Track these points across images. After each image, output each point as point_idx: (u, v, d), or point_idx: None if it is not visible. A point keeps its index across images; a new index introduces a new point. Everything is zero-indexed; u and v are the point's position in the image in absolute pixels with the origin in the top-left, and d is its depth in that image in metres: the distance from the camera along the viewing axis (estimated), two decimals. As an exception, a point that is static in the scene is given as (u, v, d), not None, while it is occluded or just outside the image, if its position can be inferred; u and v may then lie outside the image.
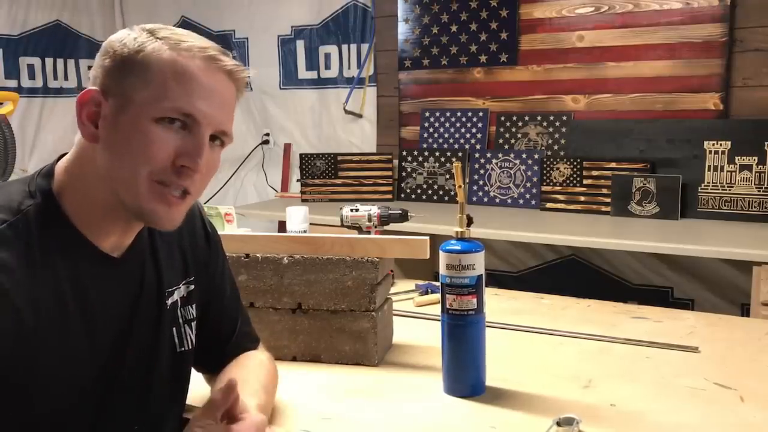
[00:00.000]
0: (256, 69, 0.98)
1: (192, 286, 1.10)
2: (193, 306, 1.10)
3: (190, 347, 1.09)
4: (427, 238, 1.37)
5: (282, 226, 3.26)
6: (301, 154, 3.58)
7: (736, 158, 2.76)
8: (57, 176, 0.94)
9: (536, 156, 3.20)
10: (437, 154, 3.44)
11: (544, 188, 3.12)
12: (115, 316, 0.96)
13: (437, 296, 1.52)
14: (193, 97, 0.90)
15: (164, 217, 0.93)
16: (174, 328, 1.06)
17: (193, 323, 1.10)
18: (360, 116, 3.72)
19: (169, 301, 1.04)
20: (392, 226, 1.91)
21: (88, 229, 0.93)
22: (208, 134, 0.92)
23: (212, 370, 1.19)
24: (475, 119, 3.41)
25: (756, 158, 2.73)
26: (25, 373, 0.86)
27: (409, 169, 3.49)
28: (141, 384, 1.00)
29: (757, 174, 2.72)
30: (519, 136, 3.29)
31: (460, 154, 3.38)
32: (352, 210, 1.88)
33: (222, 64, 0.93)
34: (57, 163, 0.96)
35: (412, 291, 1.86)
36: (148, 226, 0.99)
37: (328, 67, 3.80)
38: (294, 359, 1.40)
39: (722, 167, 2.79)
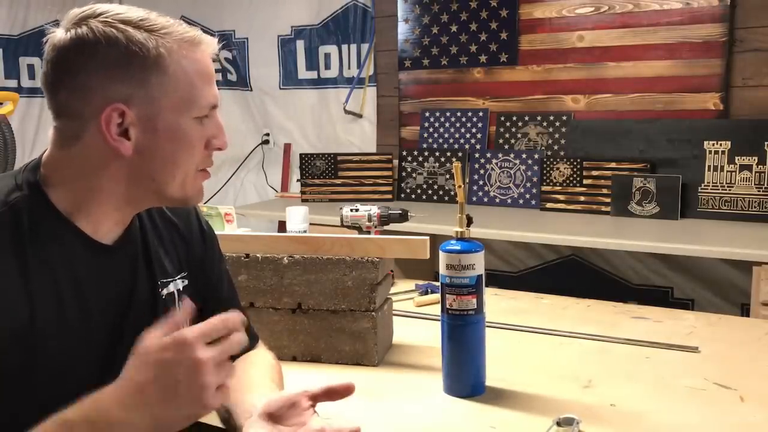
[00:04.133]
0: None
1: (186, 281, 1.10)
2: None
3: None
4: (427, 238, 1.37)
5: (282, 226, 3.26)
6: (301, 154, 3.58)
7: (736, 158, 2.76)
8: (44, 170, 0.95)
9: (536, 156, 3.20)
10: (437, 154, 3.44)
11: (544, 188, 3.12)
12: (110, 305, 0.97)
13: (437, 296, 1.52)
14: (210, 88, 0.97)
15: (201, 195, 1.02)
16: None
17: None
18: (360, 116, 3.72)
19: (164, 293, 1.04)
20: (392, 226, 1.91)
21: (78, 219, 0.94)
22: None
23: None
24: (475, 119, 3.41)
25: (756, 158, 2.72)
26: (22, 364, 0.86)
27: (409, 169, 3.49)
28: None
29: (757, 174, 2.72)
30: (519, 136, 3.29)
31: (460, 154, 3.38)
32: (352, 210, 1.88)
33: (210, 47, 0.98)
34: (42, 157, 0.96)
35: (412, 291, 1.86)
36: (184, 206, 1.07)
37: (328, 67, 3.80)
38: (294, 359, 1.40)
39: (722, 167, 2.79)
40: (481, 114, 3.39)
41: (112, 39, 0.89)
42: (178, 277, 1.08)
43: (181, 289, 1.08)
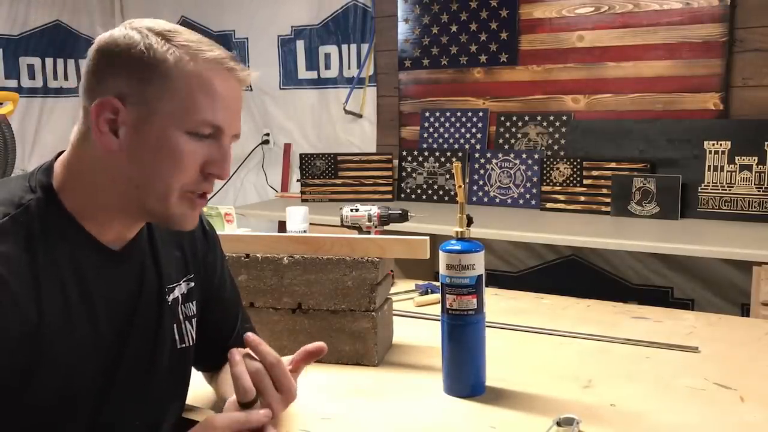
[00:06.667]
0: (257, 71, 0.97)
1: (192, 284, 1.10)
2: (194, 303, 1.10)
3: (191, 344, 1.09)
4: (427, 238, 1.37)
5: (282, 226, 3.26)
6: (301, 154, 3.58)
7: (736, 158, 2.76)
8: (56, 172, 0.95)
9: (536, 156, 3.20)
10: (437, 154, 3.44)
11: (544, 188, 3.12)
12: (117, 309, 0.97)
13: (437, 296, 1.52)
14: (220, 110, 0.92)
15: (189, 220, 0.97)
16: (175, 325, 1.06)
17: (193, 320, 1.10)
18: (360, 116, 3.72)
19: (170, 298, 1.05)
20: (392, 226, 1.91)
21: (88, 223, 0.94)
22: (230, 140, 0.96)
23: (213, 368, 1.20)
24: (475, 119, 3.41)
25: (756, 158, 2.73)
26: (28, 364, 0.86)
27: (409, 169, 3.49)
28: (142, 378, 1.00)
29: (757, 174, 2.72)
30: (519, 136, 3.29)
31: (460, 154, 3.38)
32: (352, 210, 1.88)
33: (237, 74, 0.95)
34: (56, 160, 0.97)
35: (412, 291, 1.86)
36: (169, 228, 1.00)
37: (328, 67, 3.80)
38: (294, 359, 1.40)
39: (722, 167, 2.79)
40: (481, 114, 3.39)
41: (130, 40, 0.90)
42: (183, 280, 1.08)
43: (186, 292, 1.08)
